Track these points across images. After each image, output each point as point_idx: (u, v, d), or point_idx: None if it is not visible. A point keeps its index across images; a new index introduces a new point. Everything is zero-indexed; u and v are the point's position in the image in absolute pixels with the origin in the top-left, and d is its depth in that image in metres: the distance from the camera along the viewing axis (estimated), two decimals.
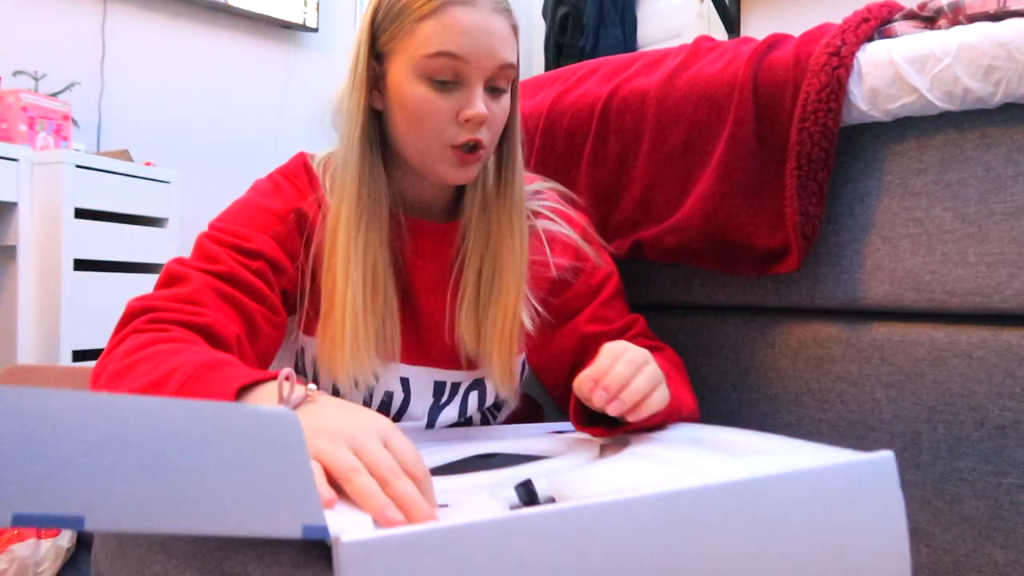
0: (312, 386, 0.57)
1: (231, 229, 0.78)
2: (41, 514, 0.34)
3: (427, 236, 0.85)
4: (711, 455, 0.59)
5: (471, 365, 0.86)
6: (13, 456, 0.34)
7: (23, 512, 0.33)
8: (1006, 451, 0.79)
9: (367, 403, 0.84)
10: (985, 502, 0.80)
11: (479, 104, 0.76)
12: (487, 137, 0.79)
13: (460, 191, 0.87)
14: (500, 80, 0.78)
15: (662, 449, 0.63)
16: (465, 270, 0.84)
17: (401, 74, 0.77)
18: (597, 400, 0.66)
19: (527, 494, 0.51)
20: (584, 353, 0.85)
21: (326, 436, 0.50)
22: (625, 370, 0.66)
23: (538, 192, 0.93)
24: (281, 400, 0.55)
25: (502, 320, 0.82)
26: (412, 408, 0.86)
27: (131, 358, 0.64)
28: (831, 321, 0.92)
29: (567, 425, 0.87)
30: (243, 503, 0.38)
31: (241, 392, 0.57)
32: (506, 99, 0.80)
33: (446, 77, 0.76)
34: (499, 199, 0.84)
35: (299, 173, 0.84)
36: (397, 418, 0.86)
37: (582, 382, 0.68)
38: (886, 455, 0.51)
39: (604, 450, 0.69)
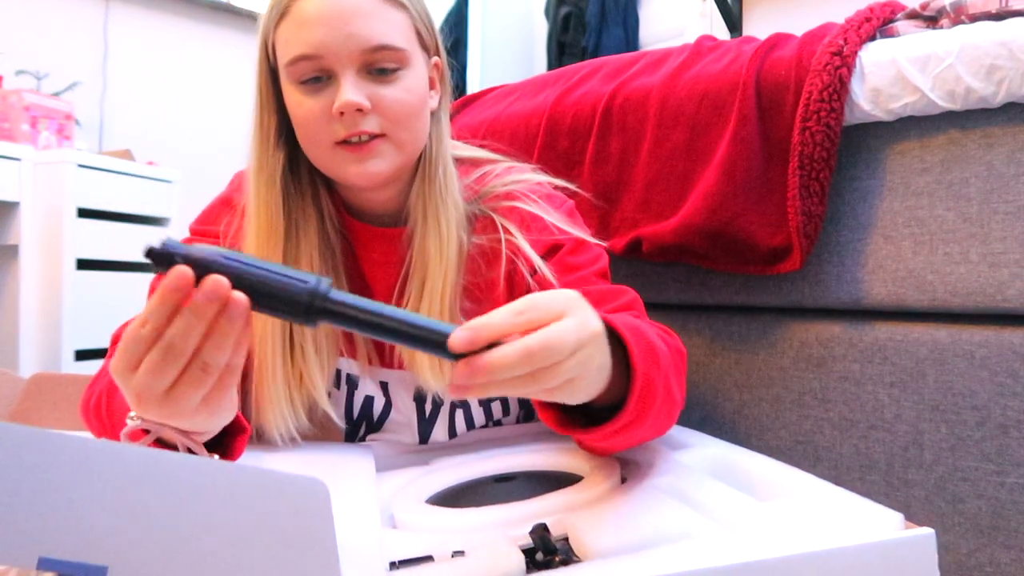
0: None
1: (214, 231, 0.78)
2: (65, 560, 0.34)
3: (378, 242, 0.81)
4: (734, 495, 0.57)
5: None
6: (41, 498, 0.34)
7: (49, 556, 0.34)
8: (1008, 450, 0.79)
9: (348, 406, 0.82)
10: (987, 502, 0.80)
11: (346, 94, 0.69)
12: (379, 125, 0.71)
13: (407, 195, 0.80)
14: (380, 62, 0.71)
15: (683, 481, 0.61)
16: (410, 278, 0.78)
17: (284, 85, 0.73)
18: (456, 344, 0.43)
19: (541, 541, 0.51)
20: None
21: None
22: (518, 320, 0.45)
23: (517, 181, 0.85)
24: None
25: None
26: (395, 415, 0.83)
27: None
28: (833, 321, 0.92)
29: None
30: (266, 570, 0.38)
31: None
32: (403, 82, 0.72)
33: (311, 76, 0.71)
34: (430, 199, 0.78)
35: None
36: (379, 424, 0.84)
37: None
38: (927, 533, 0.47)
39: (625, 470, 0.67)
